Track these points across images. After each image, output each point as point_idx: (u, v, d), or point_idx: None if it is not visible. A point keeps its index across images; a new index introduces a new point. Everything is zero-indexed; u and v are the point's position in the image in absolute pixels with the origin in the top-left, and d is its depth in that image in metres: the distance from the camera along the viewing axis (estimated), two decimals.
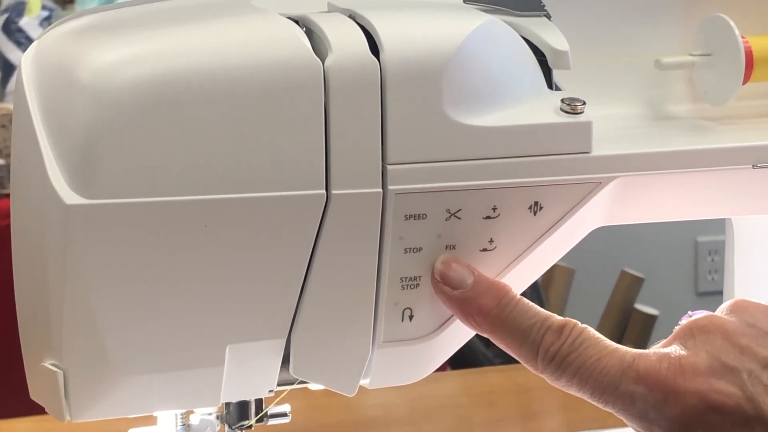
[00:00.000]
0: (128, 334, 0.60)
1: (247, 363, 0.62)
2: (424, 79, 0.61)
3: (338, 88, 0.60)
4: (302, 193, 0.60)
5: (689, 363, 0.59)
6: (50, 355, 0.60)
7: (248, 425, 0.68)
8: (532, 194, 0.64)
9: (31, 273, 0.62)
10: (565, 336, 0.61)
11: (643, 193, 0.67)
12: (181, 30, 0.61)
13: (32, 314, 0.62)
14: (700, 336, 0.60)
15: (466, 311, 0.63)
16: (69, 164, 0.59)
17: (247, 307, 0.61)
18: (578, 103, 0.64)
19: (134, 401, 0.61)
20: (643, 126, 0.72)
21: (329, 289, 0.62)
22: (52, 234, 0.59)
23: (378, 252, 0.62)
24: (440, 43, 0.62)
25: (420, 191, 0.62)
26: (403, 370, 0.65)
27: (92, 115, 0.58)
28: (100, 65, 0.59)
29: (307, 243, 0.61)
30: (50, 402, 0.61)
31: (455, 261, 0.63)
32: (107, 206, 0.58)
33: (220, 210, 0.59)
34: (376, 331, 0.63)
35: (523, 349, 0.61)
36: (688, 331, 0.61)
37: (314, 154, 0.60)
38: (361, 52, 0.60)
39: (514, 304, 0.62)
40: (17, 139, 0.63)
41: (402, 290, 0.63)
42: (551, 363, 0.61)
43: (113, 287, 0.59)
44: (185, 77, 0.59)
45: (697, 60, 0.72)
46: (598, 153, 0.64)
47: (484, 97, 0.62)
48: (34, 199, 0.60)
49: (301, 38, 0.60)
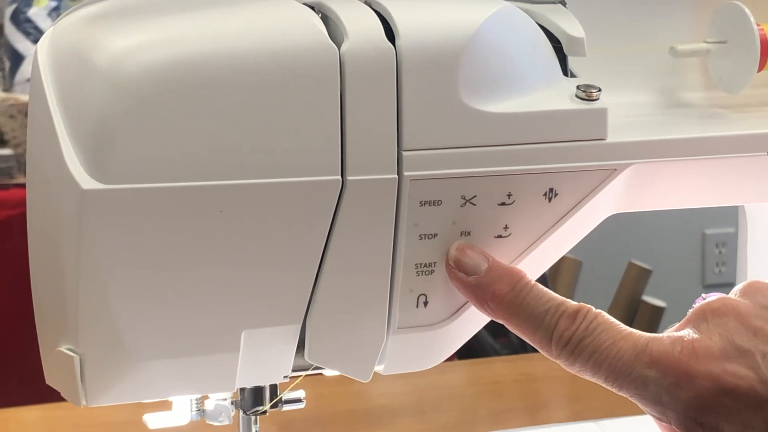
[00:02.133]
0: (144, 320, 0.60)
1: (262, 348, 0.62)
2: (440, 66, 0.61)
3: (354, 74, 0.60)
4: (318, 179, 0.60)
5: (702, 346, 0.59)
6: (66, 340, 0.60)
7: (263, 411, 0.68)
8: (547, 181, 0.64)
9: (46, 258, 0.62)
10: (579, 321, 0.61)
11: (658, 180, 0.67)
12: (196, 16, 0.61)
13: (48, 299, 0.62)
14: (713, 319, 0.60)
15: (481, 297, 0.63)
16: (85, 149, 0.59)
17: (262, 293, 0.61)
18: (594, 89, 0.64)
19: (150, 386, 0.62)
20: (658, 113, 0.72)
21: (344, 275, 0.62)
22: (68, 219, 0.59)
23: (393, 238, 0.62)
24: (456, 30, 0.61)
25: (435, 177, 0.62)
26: (417, 356, 0.65)
27: (108, 101, 0.58)
28: (115, 51, 0.59)
29: (322, 229, 0.61)
30: (66, 387, 0.61)
31: (470, 247, 0.63)
32: (123, 191, 0.58)
33: (235, 196, 0.59)
34: (391, 318, 0.63)
35: (538, 334, 0.61)
36: (701, 314, 0.61)
37: (330, 140, 0.60)
38: (377, 38, 0.60)
39: (529, 290, 0.62)
40: (33, 124, 0.63)
41: (417, 276, 0.63)
42: (565, 348, 0.61)
43: (129, 272, 0.59)
44: (201, 63, 0.59)
45: (711, 47, 0.71)
46: (613, 140, 0.64)
47: (500, 83, 0.62)
48: (51, 184, 0.60)
49: (318, 24, 0.60)
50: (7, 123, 1.89)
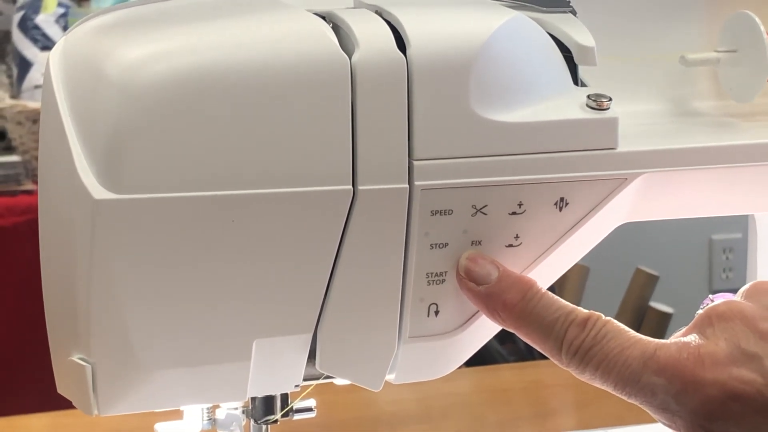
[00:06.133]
0: (155, 329, 0.60)
1: (273, 358, 0.62)
2: (451, 75, 0.61)
3: (365, 83, 0.60)
4: (329, 188, 0.60)
5: (708, 352, 0.59)
6: (78, 349, 0.61)
7: (273, 420, 0.68)
8: (558, 190, 0.64)
9: (58, 268, 0.62)
10: (588, 329, 0.61)
11: (668, 189, 0.67)
12: (207, 26, 0.61)
13: (60, 309, 0.62)
14: (719, 323, 0.60)
15: (491, 306, 0.63)
16: (97, 159, 0.59)
17: (273, 302, 0.61)
18: (604, 99, 0.64)
19: (161, 395, 0.62)
20: (668, 122, 0.72)
21: (355, 285, 0.62)
22: (80, 229, 0.59)
23: (404, 247, 0.62)
24: (467, 39, 0.62)
25: (446, 187, 0.62)
26: (428, 365, 0.65)
27: (120, 111, 0.59)
28: (127, 61, 0.59)
29: (333, 238, 0.61)
30: (78, 396, 0.61)
31: (480, 256, 0.63)
32: (135, 201, 0.58)
33: (247, 205, 0.59)
34: (402, 327, 0.64)
35: (548, 343, 0.61)
36: (706, 319, 0.61)
37: (341, 149, 0.60)
38: (388, 48, 0.61)
39: (539, 298, 0.62)
40: (45, 134, 0.63)
41: (428, 286, 0.63)
42: (575, 356, 0.61)
43: (141, 282, 0.59)
44: (212, 73, 0.59)
45: (722, 56, 0.72)
46: (624, 149, 0.64)
47: (511, 93, 0.63)
48: (63, 194, 0.61)
49: (329, 34, 0.61)
50: (15, 129, 1.89)
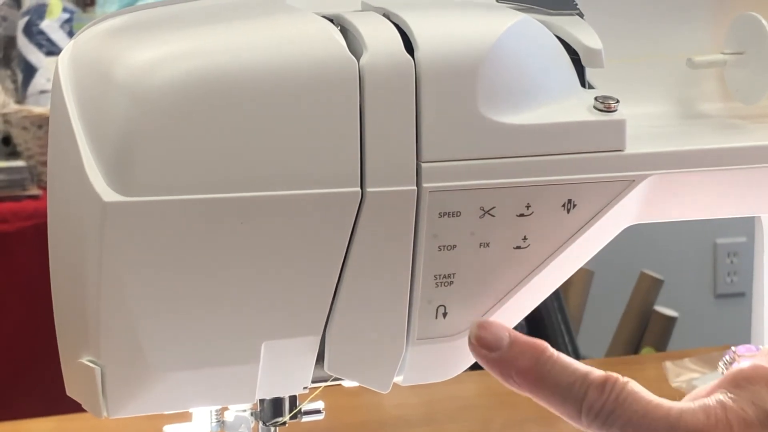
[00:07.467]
0: (165, 331, 0.60)
1: (282, 360, 0.62)
2: (459, 78, 0.61)
3: (373, 86, 0.60)
4: (337, 190, 0.60)
5: (737, 417, 0.59)
6: (87, 351, 0.61)
7: (282, 422, 0.68)
8: (566, 192, 0.64)
9: (68, 270, 0.62)
10: (608, 391, 0.60)
11: (675, 191, 0.67)
12: (216, 29, 0.62)
13: (69, 311, 0.62)
14: (746, 386, 0.60)
15: (506, 372, 0.62)
16: (106, 162, 0.59)
17: (282, 305, 0.61)
18: (612, 101, 0.64)
19: (170, 398, 0.62)
20: (675, 124, 0.72)
21: (364, 287, 0.62)
22: (90, 231, 0.59)
23: (412, 249, 0.62)
24: (474, 42, 0.62)
25: (454, 189, 0.62)
26: (436, 367, 0.66)
27: (129, 114, 0.59)
28: (136, 64, 0.60)
29: (342, 240, 0.61)
30: (87, 398, 0.61)
31: (489, 323, 0.63)
32: (144, 204, 0.58)
33: (256, 207, 0.59)
34: (410, 329, 0.64)
35: (566, 406, 0.61)
36: (733, 381, 0.60)
37: (349, 152, 0.60)
38: (396, 51, 0.61)
39: (553, 363, 0.61)
40: (54, 137, 0.63)
41: (436, 288, 0.63)
42: (597, 419, 0.60)
43: (150, 284, 0.59)
44: (221, 76, 0.59)
45: (728, 58, 0.72)
46: (631, 151, 0.64)
47: (518, 95, 0.63)
48: (72, 197, 0.61)
49: (337, 37, 0.61)
50: (20, 135, 1.89)
